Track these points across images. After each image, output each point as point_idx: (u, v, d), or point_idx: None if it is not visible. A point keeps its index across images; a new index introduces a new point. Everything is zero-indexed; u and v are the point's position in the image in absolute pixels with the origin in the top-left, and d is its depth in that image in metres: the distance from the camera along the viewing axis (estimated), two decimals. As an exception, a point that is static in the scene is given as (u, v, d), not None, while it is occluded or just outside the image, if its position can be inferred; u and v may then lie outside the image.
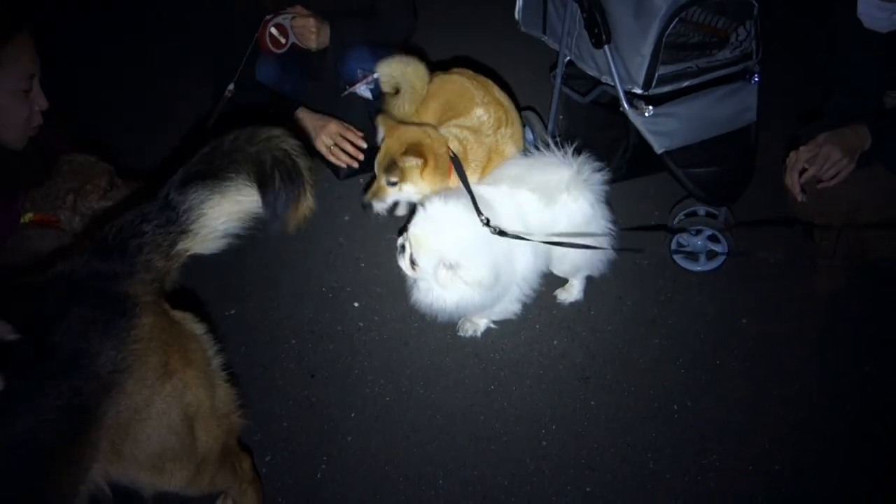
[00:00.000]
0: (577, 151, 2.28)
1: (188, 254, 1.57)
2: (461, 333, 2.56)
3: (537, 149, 2.40)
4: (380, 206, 2.49)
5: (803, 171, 2.17)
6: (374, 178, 2.51)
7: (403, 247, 2.20)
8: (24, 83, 1.86)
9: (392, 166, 2.38)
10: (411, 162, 2.35)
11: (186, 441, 1.52)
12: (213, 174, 1.54)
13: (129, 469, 1.47)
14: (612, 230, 2.37)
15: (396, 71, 2.63)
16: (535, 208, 2.28)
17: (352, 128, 2.79)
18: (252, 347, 2.57)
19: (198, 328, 1.63)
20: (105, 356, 1.36)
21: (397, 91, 2.66)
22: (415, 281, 2.29)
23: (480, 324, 2.55)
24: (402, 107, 2.65)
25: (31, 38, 1.88)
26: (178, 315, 1.60)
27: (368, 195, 2.47)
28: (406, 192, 2.43)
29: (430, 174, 2.39)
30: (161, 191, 1.55)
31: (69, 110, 2.35)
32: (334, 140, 2.77)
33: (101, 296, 1.41)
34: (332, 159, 2.80)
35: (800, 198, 2.20)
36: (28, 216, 2.14)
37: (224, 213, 1.56)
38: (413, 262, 2.18)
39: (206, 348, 1.62)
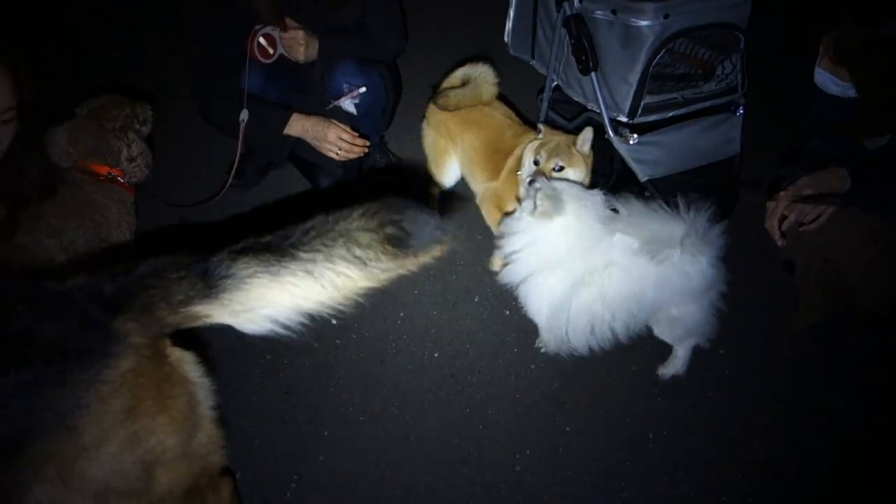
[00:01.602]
0: (688, 205, 2.12)
1: (208, 320, 1.44)
2: (542, 348, 2.53)
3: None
4: (539, 184, 2.40)
5: (784, 216, 2.20)
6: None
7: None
8: None
9: (565, 151, 2.39)
10: (583, 151, 2.40)
11: (139, 483, 1.45)
12: (276, 250, 1.41)
13: (73, 499, 1.41)
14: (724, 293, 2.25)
15: (481, 75, 2.75)
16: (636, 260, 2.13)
17: (346, 127, 2.84)
18: (226, 362, 2.52)
19: (193, 371, 1.53)
20: (68, 389, 1.30)
21: (462, 84, 2.75)
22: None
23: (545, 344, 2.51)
24: (454, 97, 2.73)
25: (10, 71, 1.85)
26: (176, 355, 1.50)
27: (537, 171, 2.43)
28: (567, 177, 2.44)
29: (588, 165, 2.45)
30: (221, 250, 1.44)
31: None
32: (339, 145, 2.82)
33: (89, 325, 1.35)
34: (345, 158, 2.87)
35: (780, 243, 2.22)
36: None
37: (271, 298, 1.41)
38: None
39: (194, 393, 1.52)
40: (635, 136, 2.39)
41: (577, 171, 2.43)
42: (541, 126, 2.51)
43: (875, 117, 2.12)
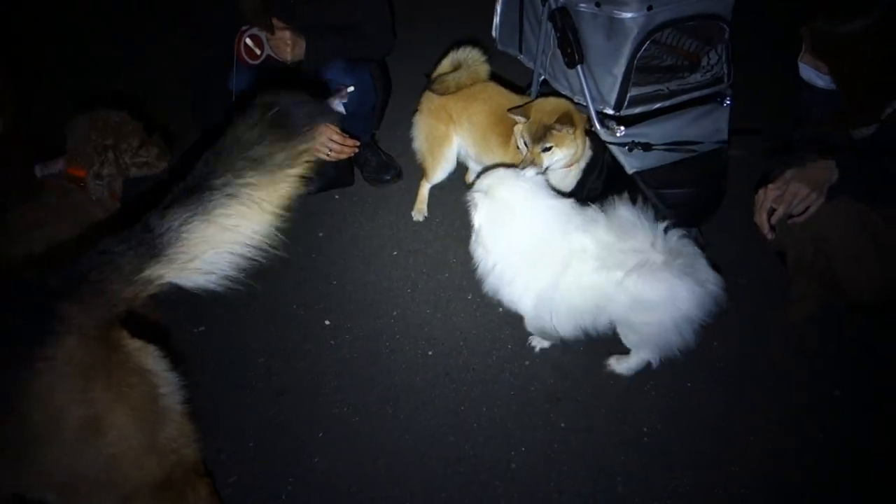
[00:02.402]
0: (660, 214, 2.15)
1: (161, 282, 1.46)
2: (536, 347, 2.58)
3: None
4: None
5: (773, 209, 2.18)
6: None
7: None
8: None
9: (546, 134, 2.42)
10: (562, 130, 2.41)
11: (104, 474, 1.46)
12: (196, 189, 1.43)
13: (39, 486, 1.43)
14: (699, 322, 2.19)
15: (471, 56, 2.80)
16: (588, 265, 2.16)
17: (336, 128, 2.80)
18: (220, 365, 2.54)
19: (154, 363, 1.55)
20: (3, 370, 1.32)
21: (453, 69, 2.80)
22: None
23: (536, 341, 2.57)
24: (453, 79, 2.77)
25: None
26: (133, 345, 1.52)
27: (526, 163, 2.46)
28: (557, 156, 2.47)
29: (581, 137, 2.48)
30: (148, 213, 1.46)
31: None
32: (329, 146, 2.80)
33: (26, 309, 1.37)
34: (335, 158, 2.85)
35: (769, 236, 2.21)
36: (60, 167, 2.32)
37: (209, 240, 1.44)
38: None
39: (155, 384, 1.53)
40: (622, 128, 2.38)
41: (565, 149, 2.46)
42: (516, 118, 2.52)
43: (856, 109, 2.11)
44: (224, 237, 1.47)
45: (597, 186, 2.67)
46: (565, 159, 2.49)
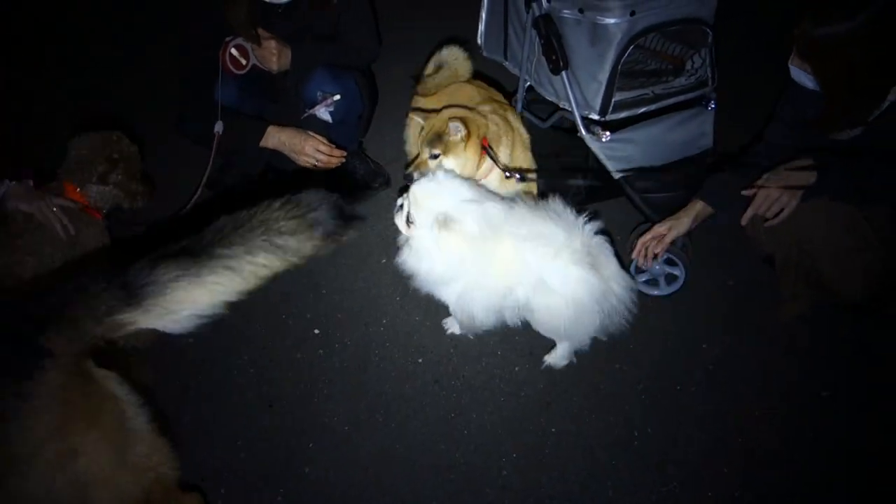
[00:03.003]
0: (580, 208, 2.20)
1: (133, 327, 1.50)
2: (446, 327, 2.64)
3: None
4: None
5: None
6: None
7: (402, 206, 2.25)
8: None
9: (436, 139, 2.44)
10: (455, 134, 2.42)
11: (77, 501, 1.47)
12: (192, 252, 1.51)
13: None
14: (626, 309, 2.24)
15: (451, 54, 2.86)
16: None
17: (322, 139, 2.86)
18: (210, 376, 2.53)
19: (119, 388, 1.58)
20: None
21: (436, 70, 2.84)
22: (407, 241, 2.32)
23: (455, 326, 2.59)
24: (434, 80, 2.82)
25: None
26: (100, 374, 1.55)
27: (412, 168, 2.48)
28: (449, 166, 2.46)
29: (472, 149, 2.47)
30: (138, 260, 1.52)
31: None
32: (316, 156, 2.83)
33: (18, 339, 1.38)
34: (322, 168, 2.88)
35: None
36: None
37: (194, 299, 1.51)
38: (409, 221, 2.22)
39: (123, 409, 1.56)
40: (607, 133, 2.38)
41: (455, 160, 2.47)
42: (416, 119, 2.58)
43: (840, 111, 2.11)
44: (208, 298, 1.53)
45: (581, 191, 2.67)
46: (458, 170, 2.46)
